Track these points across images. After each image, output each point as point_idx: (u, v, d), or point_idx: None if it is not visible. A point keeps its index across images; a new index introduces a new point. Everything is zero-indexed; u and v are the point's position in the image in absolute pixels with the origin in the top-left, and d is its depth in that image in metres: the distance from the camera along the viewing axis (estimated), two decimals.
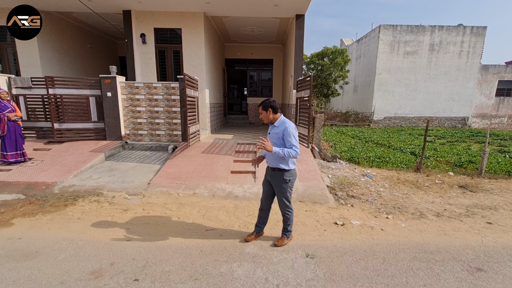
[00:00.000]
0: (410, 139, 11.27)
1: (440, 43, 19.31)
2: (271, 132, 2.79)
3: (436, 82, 19.48)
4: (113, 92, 6.35)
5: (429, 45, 19.30)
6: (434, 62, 19.36)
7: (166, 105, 6.55)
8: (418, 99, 19.69)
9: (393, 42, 19.19)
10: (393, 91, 19.48)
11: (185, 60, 7.47)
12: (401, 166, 6.61)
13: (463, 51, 19.46)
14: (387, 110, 19.87)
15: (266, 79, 12.11)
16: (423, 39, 19.28)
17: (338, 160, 6.52)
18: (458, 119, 20.27)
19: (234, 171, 5.12)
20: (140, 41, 7.37)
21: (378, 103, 19.80)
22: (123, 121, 6.61)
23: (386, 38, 19.18)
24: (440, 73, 19.46)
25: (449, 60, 19.33)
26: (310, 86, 5.14)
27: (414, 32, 19.27)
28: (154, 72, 7.55)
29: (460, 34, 19.34)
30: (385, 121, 19.80)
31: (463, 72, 19.61)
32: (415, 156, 7.85)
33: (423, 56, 19.27)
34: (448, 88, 19.59)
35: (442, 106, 19.94)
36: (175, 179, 4.76)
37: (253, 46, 11.50)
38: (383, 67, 19.46)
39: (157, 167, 5.46)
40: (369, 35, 21.14)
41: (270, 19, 8.01)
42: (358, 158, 7.05)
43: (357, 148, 8.69)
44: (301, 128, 6.10)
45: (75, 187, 4.48)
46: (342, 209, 3.87)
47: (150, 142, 6.69)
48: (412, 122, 20.01)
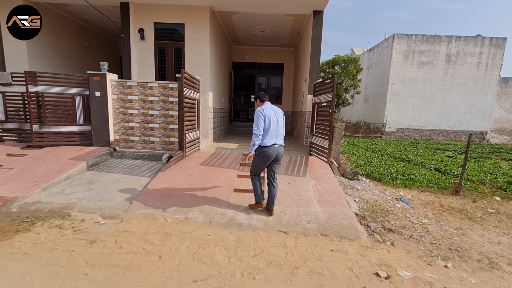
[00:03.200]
0: (429, 154, 10.31)
1: (457, 54, 18.47)
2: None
3: (452, 94, 18.53)
4: (103, 91, 5.55)
5: (445, 56, 18.44)
6: (450, 73, 18.46)
7: (162, 108, 5.71)
8: (433, 111, 18.72)
9: (407, 51, 18.41)
10: (407, 102, 18.58)
11: (187, 59, 6.68)
12: (431, 186, 5.63)
13: (482, 63, 18.56)
14: (400, 121, 18.92)
15: (275, 85, 11.28)
16: (439, 50, 18.45)
17: (359, 177, 5.55)
18: (476, 133, 19.17)
19: (238, 189, 4.19)
20: (138, 36, 6.63)
21: (390, 114, 18.85)
22: (112, 125, 5.78)
23: (400, 47, 18.42)
24: (457, 85, 18.53)
25: (467, 72, 18.42)
26: (332, 89, 4.24)
27: (430, 42, 18.47)
28: (152, 71, 6.77)
29: (479, 45, 18.49)
30: (398, 133, 18.83)
31: (481, 85, 18.65)
32: (442, 174, 6.87)
33: (439, 67, 18.40)
34: (465, 100, 18.61)
35: (458, 119, 18.91)
36: (165, 198, 3.84)
37: (262, 49, 10.74)
38: (397, 77, 18.63)
39: (145, 181, 4.56)
40: (381, 45, 20.42)
41: (284, 17, 7.22)
42: (379, 175, 6.10)
43: (374, 162, 7.76)
44: (318, 139, 5.17)
45: (39, 205, 3.59)
46: (380, 249, 2.88)
47: (143, 150, 5.82)
48: (426, 135, 18.98)
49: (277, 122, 3.35)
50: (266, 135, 3.26)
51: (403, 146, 12.65)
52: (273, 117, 3.31)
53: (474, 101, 18.70)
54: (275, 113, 3.37)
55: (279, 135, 3.37)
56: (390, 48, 18.60)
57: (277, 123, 3.34)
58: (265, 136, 3.26)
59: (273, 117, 3.31)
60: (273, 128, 3.29)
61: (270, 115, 3.29)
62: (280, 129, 3.39)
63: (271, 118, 3.28)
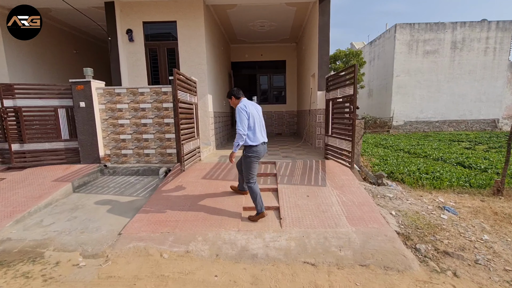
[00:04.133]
0: (444, 146, 9.63)
1: (463, 40, 17.75)
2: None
3: (460, 82, 17.80)
4: (88, 101, 4.91)
5: (451, 43, 17.73)
6: (457, 61, 17.73)
7: (156, 115, 5.06)
8: (441, 101, 17.99)
9: (411, 41, 17.73)
10: (413, 94, 17.87)
11: (182, 59, 6.03)
12: (463, 185, 4.93)
13: (489, 48, 17.82)
14: (407, 114, 18.21)
15: (278, 84, 10.59)
16: (444, 37, 17.74)
17: (384, 181, 4.85)
18: (488, 121, 18.42)
19: (248, 207, 3.51)
20: (126, 38, 5.99)
21: (397, 107, 18.15)
22: (101, 138, 5.13)
23: (403, 37, 17.73)
24: (465, 73, 17.80)
25: (474, 58, 17.68)
26: (353, 80, 3.55)
27: (434, 30, 17.77)
28: (144, 75, 6.13)
29: (485, 30, 17.77)
30: (406, 126, 18.12)
31: (490, 71, 17.91)
32: (469, 169, 6.17)
33: (445, 55, 17.69)
34: (474, 88, 17.88)
35: (468, 108, 18.16)
36: (161, 224, 3.17)
37: (262, 46, 10.07)
38: (401, 68, 17.94)
39: (139, 203, 3.90)
40: (383, 36, 19.76)
41: (285, 7, 6.56)
42: (400, 175, 5.43)
43: (390, 159, 7.09)
44: (336, 140, 4.48)
45: (8, 244, 2.94)
46: (442, 283, 2.19)
47: (137, 164, 5.17)
48: (435, 126, 18.25)
49: (260, 118, 3.28)
50: (254, 133, 3.15)
51: (415, 140, 12.07)
52: (256, 114, 3.21)
53: (484, 88, 18.00)
54: (255, 109, 3.25)
55: (263, 131, 3.30)
56: (392, 39, 17.95)
57: (260, 119, 3.28)
58: (253, 134, 3.15)
59: (255, 114, 3.20)
60: (257, 125, 3.19)
61: (253, 112, 3.16)
62: (263, 125, 3.33)
63: (254, 115, 3.16)
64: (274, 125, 10.57)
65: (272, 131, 10.58)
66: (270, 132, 10.62)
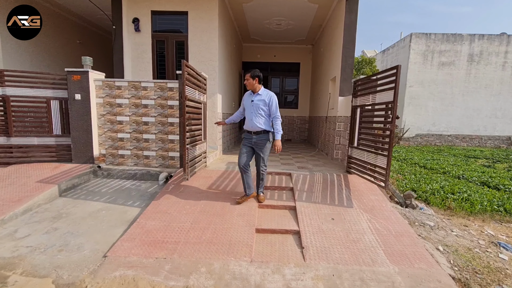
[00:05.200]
0: (461, 163, 9.00)
1: (480, 53, 17.20)
2: (255, 100, 3.25)
3: (476, 97, 17.20)
4: (84, 93, 4.39)
5: (467, 56, 17.18)
6: (473, 74, 17.16)
7: (159, 114, 4.52)
8: (454, 115, 17.38)
9: (426, 52, 17.21)
10: (426, 106, 17.29)
11: (192, 54, 5.51)
12: (497, 210, 4.32)
13: (508, 63, 17.25)
14: (419, 126, 17.61)
15: (290, 87, 10.01)
16: (460, 49, 17.21)
17: (413, 202, 4.24)
18: (502, 138, 17.75)
19: (261, 228, 2.93)
20: (132, 28, 5.49)
21: (408, 119, 17.55)
22: (97, 135, 4.60)
23: (418, 47, 17.22)
24: (481, 87, 17.21)
25: (491, 72, 17.10)
26: (396, 84, 2.96)
27: (451, 41, 17.24)
28: (150, 69, 5.61)
29: (504, 44, 17.23)
30: (417, 138, 17.48)
31: (507, 86, 17.31)
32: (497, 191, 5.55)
33: (461, 68, 17.12)
34: (490, 103, 17.27)
35: (483, 123, 17.52)
36: (156, 247, 2.59)
37: (276, 47, 9.54)
38: (415, 79, 17.40)
39: (133, 213, 3.34)
40: (397, 45, 19.28)
41: (306, 4, 6.03)
42: (424, 193, 4.84)
43: (408, 175, 6.51)
44: (365, 153, 3.89)
45: None
46: None
47: (135, 167, 4.62)
48: (447, 140, 17.59)
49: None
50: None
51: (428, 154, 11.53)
52: None
53: (500, 103, 17.40)
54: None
55: None
56: (407, 48, 17.43)
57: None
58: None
59: None
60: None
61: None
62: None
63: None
64: (284, 130, 10.00)
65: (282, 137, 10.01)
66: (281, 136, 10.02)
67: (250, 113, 3.25)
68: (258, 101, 3.21)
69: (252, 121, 3.22)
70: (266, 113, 3.23)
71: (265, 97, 3.23)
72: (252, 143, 3.29)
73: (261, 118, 3.21)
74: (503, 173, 7.45)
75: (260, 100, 3.21)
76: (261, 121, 3.21)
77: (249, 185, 3.42)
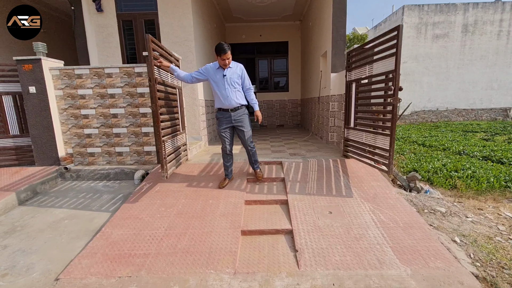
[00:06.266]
0: (460, 138, 8.69)
1: (475, 23, 16.66)
2: (227, 74, 2.98)
3: (471, 69, 16.82)
4: (39, 85, 3.80)
5: (462, 26, 16.63)
6: (468, 45, 16.67)
7: (129, 103, 3.97)
8: (450, 89, 17.04)
9: (419, 24, 16.60)
10: (421, 81, 16.89)
11: (164, 34, 4.88)
12: (506, 186, 4.00)
13: (503, 31, 16.77)
14: (414, 103, 17.27)
15: (280, 69, 9.38)
16: (454, 19, 16.63)
17: (418, 185, 3.85)
18: (498, 110, 17.56)
19: (248, 230, 2.50)
20: (93, 8, 4.81)
21: (403, 96, 17.08)
22: (61, 133, 4.05)
23: (411, 20, 16.57)
24: (476, 58, 16.80)
25: (486, 43, 16.63)
26: (397, 48, 2.44)
27: (444, 12, 16.64)
28: (119, 55, 4.99)
29: (499, 12, 16.71)
30: (412, 116, 17.19)
31: (503, 56, 16.91)
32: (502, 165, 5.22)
33: (455, 39, 16.59)
34: (485, 75, 16.94)
35: (479, 96, 17.26)
36: (121, 262, 2.15)
37: (262, 25, 8.82)
38: (409, 54, 16.87)
39: (101, 221, 2.88)
40: (389, 19, 18.59)
41: None
42: (426, 173, 4.46)
43: (407, 154, 6.17)
44: (363, 134, 3.43)
45: None
46: None
47: (108, 166, 4.11)
48: (443, 116, 17.34)
49: None
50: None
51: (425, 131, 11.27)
52: None
53: (496, 74, 17.08)
54: None
55: None
56: (400, 22, 16.72)
57: None
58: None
59: None
60: None
61: None
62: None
63: None
64: (275, 116, 9.47)
65: (273, 123, 9.49)
66: (271, 123, 9.52)
67: (225, 90, 2.97)
68: (231, 75, 2.98)
69: (229, 98, 2.98)
70: (240, 86, 3.06)
71: (236, 69, 3.03)
72: (232, 121, 3.08)
73: (238, 92, 3.02)
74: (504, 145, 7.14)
75: (233, 73, 2.99)
76: (239, 95, 3.03)
77: (231, 169, 3.37)
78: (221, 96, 2.99)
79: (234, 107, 3.03)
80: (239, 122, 3.09)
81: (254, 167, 3.41)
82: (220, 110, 3.11)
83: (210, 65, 3.06)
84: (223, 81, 2.95)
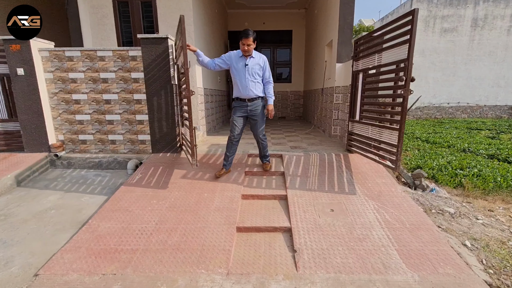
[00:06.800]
0: (465, 135, 8.50)
1: (485, 17, 16.22)
2: (249, 64, 2.89)
3: (478, 65, 16.45)
4: (28, 67, 3.59)
5: (471, 20, 16.19)
6: (477, 40, 16.25)
7: (123, 89, 3.77)
8: (456, 86, 16.72)
9: (428, 17, 16.16)
10: (427, 77, 16.55)
11: (162, 17, 4.62)
12: None
13: None
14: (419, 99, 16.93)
15: (283, 59, 9.07)
16: (464, 13, 16.17)
17: (424, 182, 3.69)
18: (504, 108, 17.29)
19: (244, 227, 2.34)
20: None
21: None
22: (51, 118, 3.87)
23: (420, 13, 16.05)
24: (484, 54, 16.40)
25: (496, 38, 16.21)
26: (411, 34, 2.22)
27: (454, 5, 16.16)
28: (114, 38, 4.74)
29: (510, 6, 16.24)
30: (417, 112, 16.92)
31: None
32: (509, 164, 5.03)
33: (464, 34, 16.16)
34: (493, 71, 16.58)
35: (485, 93, 16.94)
36: (106, 258, 2.00)
37: (265, 12, 8.49)
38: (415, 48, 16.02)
39: (89, 212, 2.73)
40: (397, 11, 18.10)
41: None
42: (430, 170, 4.29)
43: (411, 150, 6.03)
44: (369, 128, 3.24)
45: None
46: None
47: (100, 154, 3.94)
48: (448, 112, 17.08)
49: None
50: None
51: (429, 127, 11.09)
52: None
53: (504, 71, 16.73)
54: None
55: None
56: None
57: None
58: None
59: None
60: None
61: None
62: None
63: None
64: (277, 108, 9.22)
65: (275, 114, 9.28)
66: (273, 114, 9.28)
67: (245, 79, 2.91)
68: (253, 65, 2.90)
69: (248, 88, 2.92)
70: (261, 78, 2.99)
71: (259, 60, 2.95)
72: (248, 112, 3.02)
73: (258, 84, 2.96)
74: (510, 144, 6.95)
75: (255, 64, 2.91)
76: (258, 87, 2.97)
77: (231, 161, 3.22)
78: (240, 85, 2.93)
79: (252, 98, 2.97)
80: (254, 113, 3.02)
81: (264, 160, 3.35)
82: (237, 99, 3.04)
83: (234, 52, 2.98)
84: (244, 71, 2.87)
